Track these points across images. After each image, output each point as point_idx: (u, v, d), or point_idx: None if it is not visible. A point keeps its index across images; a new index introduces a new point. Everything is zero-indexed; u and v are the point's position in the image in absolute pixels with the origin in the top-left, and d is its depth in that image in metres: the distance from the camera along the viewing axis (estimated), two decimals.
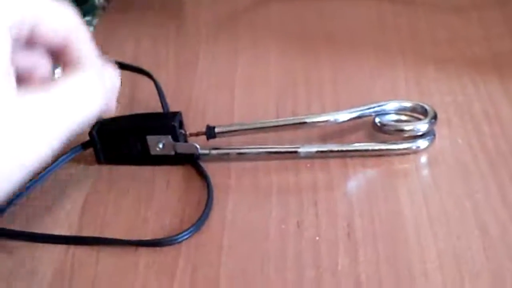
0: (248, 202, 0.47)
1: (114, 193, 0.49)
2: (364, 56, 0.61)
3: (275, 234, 0.45)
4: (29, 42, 0.40)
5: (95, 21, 0.70)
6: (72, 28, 0.42)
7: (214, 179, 0.49)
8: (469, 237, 0.43)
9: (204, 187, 0.48)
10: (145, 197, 0.48)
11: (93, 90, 0.40)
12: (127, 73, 0.58)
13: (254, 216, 0.46)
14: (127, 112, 0.55)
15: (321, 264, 0.42)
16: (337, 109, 0.54)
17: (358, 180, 0.48)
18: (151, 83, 0.56)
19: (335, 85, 0.58)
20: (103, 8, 0.72)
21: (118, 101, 0.55)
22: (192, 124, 0.54)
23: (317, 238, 0.44)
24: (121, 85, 0.59)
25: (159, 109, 0.54)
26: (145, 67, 0.61)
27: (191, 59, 0.63)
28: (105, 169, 0.51)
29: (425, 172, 0.49)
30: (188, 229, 0.45)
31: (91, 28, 0.69)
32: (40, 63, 0.42)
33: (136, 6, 0.72)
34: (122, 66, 0.57)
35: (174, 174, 0.50)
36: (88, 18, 0.70)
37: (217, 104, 0.57)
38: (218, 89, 0.59)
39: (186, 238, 0.45)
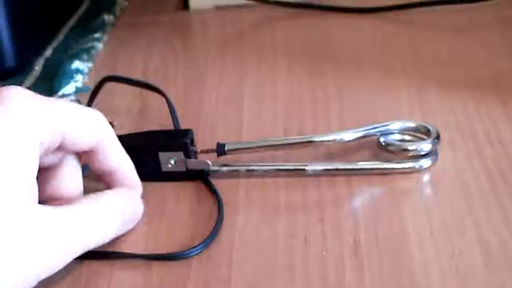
0: (256, 218, 0.49)
1: None
2: (367, 75, 0.62)
3: (283, 249, 0.46)
4: (58, 149, 0.43)
5: (105, 38, 0.71)
6: (100, 135, 0.44)
7: (223, 195, 0.50)
8: (471, 254, 0.45)
9: (214, 203, 0.50)
10: (156, 213, 0.50)
11: (111, 220, 0.44)
12: (137, 89, 0.60)
13: (263, 231, 0.47)
14: (137, 128, 0.56)
15: (328, 280, 0.44)
16: (342, 126, 0.56)
17: (363, 198, 0.50)
18: (161, 99, 0.57)
19: (340, 103, 0.59)
20: (113, 24, 0.74)
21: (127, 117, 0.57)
22: (202, 139, 0.55)
23: (324, 253, 0.45)
24: (130, 100, 0.61)
25: (169, 125, 0.55)
26: (154, 83, 0.63)
27: (199, 76, 0.64)
28: None
29: (428, 190, 0.50)
30: (200, 244, 0.46)
31: (101, 45, 0.70)
32: (67, 160, 0.46)
33: (145, 23, 0.74)
34: (133, 82, 0.58)
35: (184, 190, 0.51)
36: (98, 34, 0.71)
37: (226, 120, 0.58)
38: (226, 105, 0.60)
39: (198, 253, 0.46)
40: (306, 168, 0.51)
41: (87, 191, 0.47)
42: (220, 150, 0.51)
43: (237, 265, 0.45)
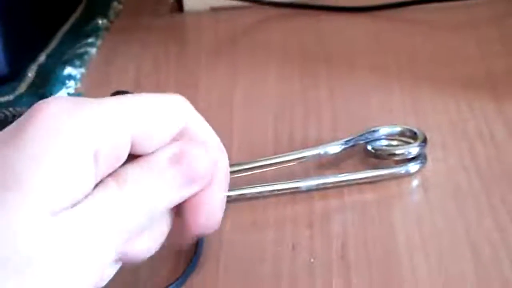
0: (243, 237, 0.48)
1: None
2: (361, 76, 0.62)
3: (270, 257, 0.45)
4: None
5: (98, 43, 0.71)
6: (182, 123, 0.37)
7: None
8: (461, 260, 0.44)
9: None
10: None
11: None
12: None
13: (250, 242, 0.47)
14: None
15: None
16: (334, 130, 0.55)
17: (353, 205, 0.49)
18: None
19: (332, 105, 0.58)
20: (107, 29, 0.74)
21: None
22: None
23: (312, 260, 0.45)
24: None
25: None
26: (146, 88, 0.62)
27: (191, 80, 0.64)
28: None
29: (419, 194, 0.49)
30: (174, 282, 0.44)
31: (94, 50, 0.70)
32: None
33: (139, 27, 0.74)
34: None
35: None
36: (91, 39, 0.71)
37: (216, 126, 0.57)
38: (217, 110, 0.60)
39: None
40: (300, 185, 0.50)
41: None
42: None
43: (224, 273, 0.45)
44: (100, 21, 0.74)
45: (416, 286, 0.42)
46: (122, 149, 0.34)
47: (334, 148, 0.51)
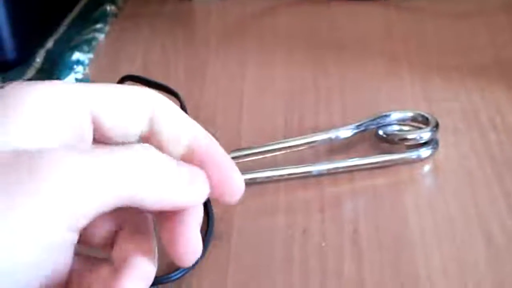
0: (255, 218, 0.48)
1: None
2: (371, 63, 0.62)
3: (281, 242, 0.45)
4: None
5: (107, 28, 0.71)
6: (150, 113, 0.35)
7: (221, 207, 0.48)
8: (473, 245, 0.44)
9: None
10: None
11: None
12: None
13: (261, 226, 0.47)
14: None
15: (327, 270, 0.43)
16: (344, 117, 0.55)
17: (364, 190, 0.49)
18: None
19: (342, 93, 0.58)
20: (115, 15, 0.73)
21: None
22: None
23: (323, 244, 0.45)
24: None
25: None
26: (154, 74, 0.62)
27: (200, 67, 0.64)
28: None
29: (431, 179, 0.49)
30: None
31: (102, 36, 0.69)
32: None
33: (147, 13, 0.73)
34: (151, 83, 0.56)
35: None
36: (99, 25, 0.71)
37: (226, 112, 0.57)
38: (226, 97, 0.59)
39: (178, 278, 0.43)
40: (312, 170, 0.50)
41: None
42: None
43: (235, 257, 0.45)
44: (108, 7, 0.73)
45: (428, 272, 0.42)
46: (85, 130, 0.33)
47: (345, 132, 0.50)
